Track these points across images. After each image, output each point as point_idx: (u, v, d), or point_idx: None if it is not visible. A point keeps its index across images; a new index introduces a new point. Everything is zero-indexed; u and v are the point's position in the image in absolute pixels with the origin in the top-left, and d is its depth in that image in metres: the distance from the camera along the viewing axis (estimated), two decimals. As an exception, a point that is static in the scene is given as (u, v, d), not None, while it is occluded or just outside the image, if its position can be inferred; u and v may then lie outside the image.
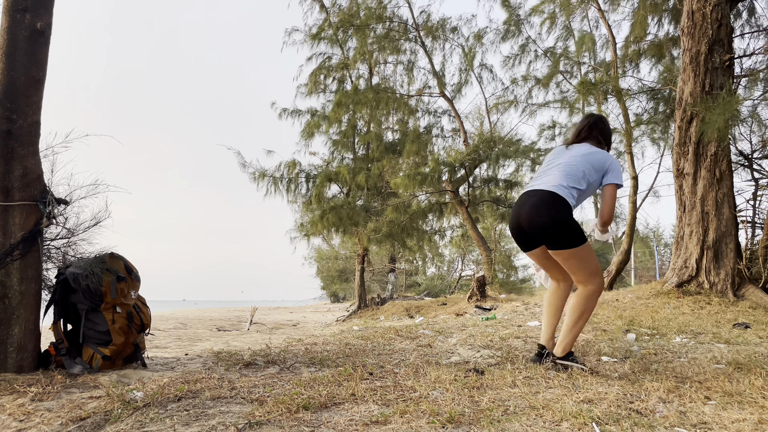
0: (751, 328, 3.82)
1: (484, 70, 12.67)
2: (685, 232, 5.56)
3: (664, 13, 9.02)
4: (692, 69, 5.54)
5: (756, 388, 1.98)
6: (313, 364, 2.76)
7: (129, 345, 2.79)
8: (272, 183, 12.29)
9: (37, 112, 2.64)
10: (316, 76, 13.58)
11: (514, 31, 11.78)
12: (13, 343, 2.52)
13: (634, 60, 9.88)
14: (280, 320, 12.70)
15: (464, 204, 11.50)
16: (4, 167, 2.53)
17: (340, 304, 28.07)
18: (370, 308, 13.33)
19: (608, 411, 1.71)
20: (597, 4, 10.13)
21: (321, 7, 12.78)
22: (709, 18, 5.44)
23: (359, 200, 12.71)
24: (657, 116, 9.97)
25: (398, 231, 11.72)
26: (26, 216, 2.60)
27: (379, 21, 11.78)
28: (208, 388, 2.12)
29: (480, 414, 1.70)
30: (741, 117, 5.53)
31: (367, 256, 15.33)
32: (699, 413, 1.71)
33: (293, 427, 1.60)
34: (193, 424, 1.66)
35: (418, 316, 9.24)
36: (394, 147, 13.11)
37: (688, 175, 5.56)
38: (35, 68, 2.62)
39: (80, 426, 1.73)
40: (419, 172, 10.61)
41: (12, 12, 2.58)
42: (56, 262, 2.90)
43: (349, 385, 2.11)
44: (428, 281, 27.36)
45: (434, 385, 2.11)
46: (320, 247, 25.52)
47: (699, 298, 5.06)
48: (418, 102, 13.50)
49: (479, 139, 11.32)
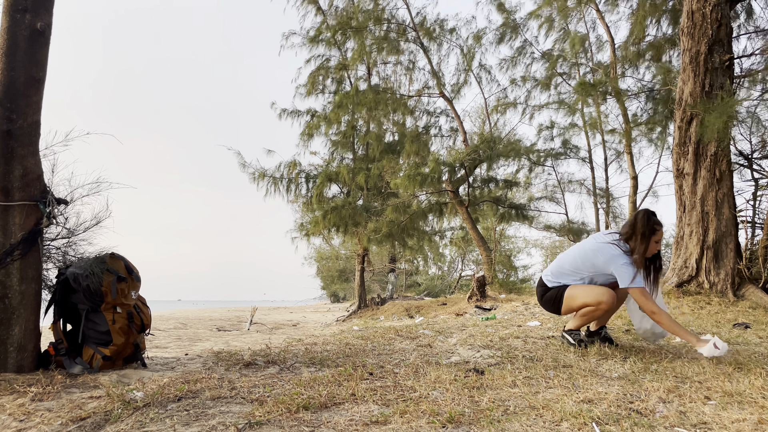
0: (751, 328, 3.82)
1: (483, 71, 12.70)
2: (685, 232, 5.56)
3: (664, 14, 9.02)
4: (692, 69, 5.54)
5: (756, 388, 1.98)
6: (313, 364, 2.76)
7: (129, 345, 2.79)
8: (272, 183, 12.29)
9: (37, 112, 2.64)
10: (314, 78, 13.57)
11: (510, 34, 11.80)
12: (13, 343, 2.52)
13: (633, 61, 9.89)
14: (280, 320, 12.70)
15: (464, 204, 11.50)
16: (4, 167, 2.53)
17: (340, 304, 28.08)
18: (370, 308, 13.33)
19: (608, 411, 1.71)
20: (595, 6, 10.13)
21: (317, 10, 12.78)
22: (708, 18, 5.44)
23: (359, 200, 12.71)
24: (656, 116, 9.98)
25: (398, 231, 11.72)
26: (26, 216, 2.60)
27: (377, 22, 11.78)
28: (208, 388, 2.12)
29: (480, 414, 1.70)
30: (740, 117, 5.54)
31: (367, 256, 15.33)
32: (699, 413, 1.71)
33: (293, 427, 1.60)
34: (193, 424, 1.66)
35: (418, 316, 9.24)
36: (393, 147, 13.11)
37: (688, 175, 5.56)
38: (35, 68, 2.62)
39: (80, 426, 1.73)
40: (419, 173, 10.61)
41: (12, 12, 2.58)
42: (56, 262, 2.90)
43: (349, 385, 2.11)
44: (428, 281, 27.35)
45: (434, 385, 2.11)
46: (320, 247, 25.54)
47: (699, 298, 5.06)
48: (417, 102, 13.51)
49: (479, 140, 11.32)
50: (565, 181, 14.05)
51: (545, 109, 12.90)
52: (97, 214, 2.96)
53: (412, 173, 10.57)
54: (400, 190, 11.10)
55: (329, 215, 11.75)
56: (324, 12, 12.72)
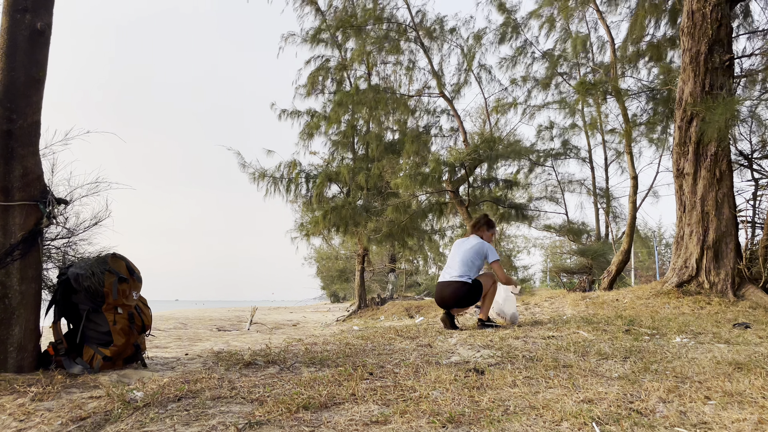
0: (751, 328, 3.82)
1: (483, 71, 12.69)
2: (685, 232, 5.56)
3: (663, 14, 9.02)
4: (692, 69, 5.54)
5: (756, 388, 1.98)
6: (313, 364, 2.76)
7: (130, 346, 2.79)
8: (272, 183, 12.29)
9: (37, 112, 2.64)
10: (314, 78, 13.57)
11: (511, 34, 11.80)
12: (13, 343, 2.52)
13: (633, 61, 9.89)
14: (280, 320, 12.70)
15: (464, 204, 11.50)
16: (4, 167, 2.53)
17: (340, 304, 28.07)
18: (370, 308, 13.33)
19: (608, 411, 1.71)
20: (595, 5, 10.13)
21: (317, 11, 12.78)
22: (709, 18, 5.44)
23: (359, 200, 12.71)
24: (656, 116, 9.98)
25: (398, 231, 11.71)
26: (26, 216, 2.60)
27: (377, 22, 11.77)
28: (208, 388, 2.12)
29: (480, 414, 1.70)
30: (741, 117, 5.54)
31: (367, 256, 15.33)
32: (699, 413, 1.71)
33: (293, 427, 1.60)
34: (193, 424, 1.66)
35: (418, 316, 9.24)
36: (393, 147, 13.11)
37: (688, 175, 5.56)
38: (35, 68, 2.62)
39: (80, 426, 1.73)
40: (419, 172, 10.60)
41: (12, 12, 2.58)
42: (56, 262, 2.90)
43: (349, 385, 2.11)
44: (428, 281, 27.34)
45: (434, 385, 2.11)
46: (320, 247, 25.54)
47: (699, 298, 5.06)
48: (418, 102, 13.51)
49: (479, 139, 11.32)
50: (565, 181, 14.06)
51: (545, 109, 12.91)
52: (96, 214, 2.96)
53: (413, 173, 10.56)
54: (400, 190, 11.10)
55: (329, 215, 11.75)
56: (323, 12, 12.72)
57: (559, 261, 21.56)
